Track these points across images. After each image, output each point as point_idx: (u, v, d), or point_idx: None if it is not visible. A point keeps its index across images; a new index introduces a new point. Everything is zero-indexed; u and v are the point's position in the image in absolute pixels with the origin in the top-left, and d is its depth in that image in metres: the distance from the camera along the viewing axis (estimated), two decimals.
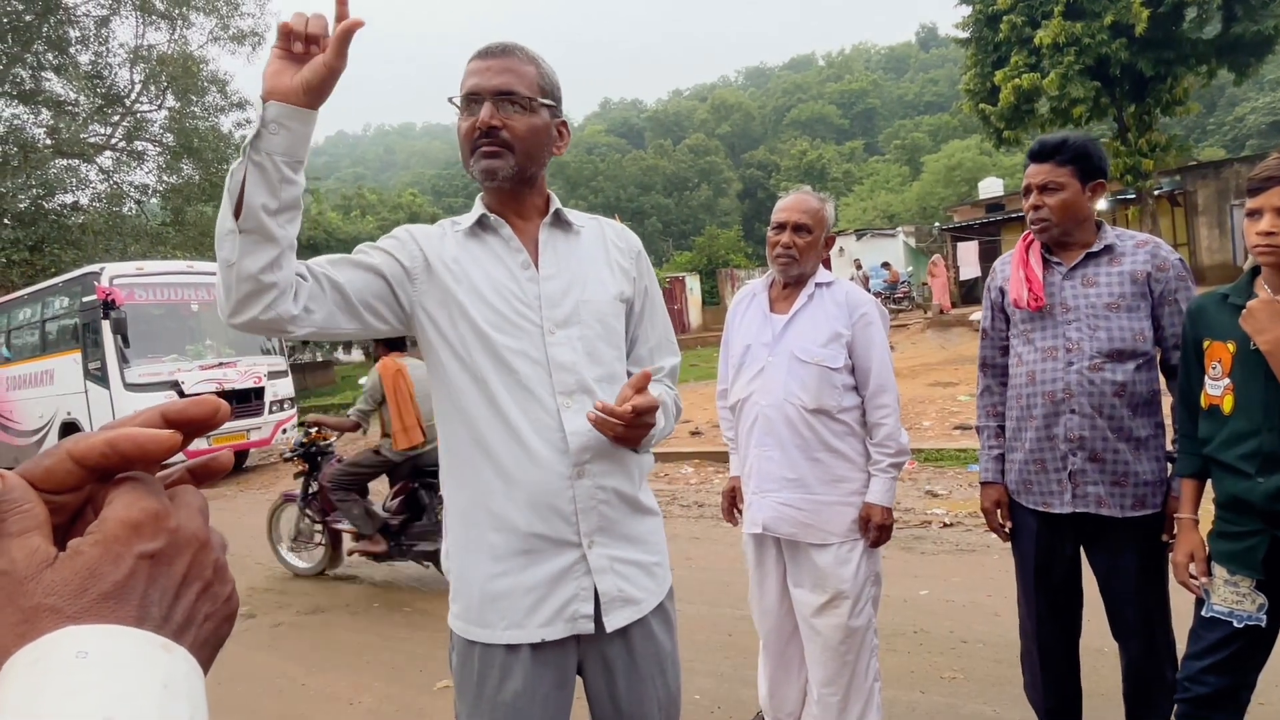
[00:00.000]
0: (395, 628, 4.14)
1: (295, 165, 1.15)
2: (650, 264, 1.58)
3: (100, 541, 0.37)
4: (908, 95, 76.27)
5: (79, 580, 0.35)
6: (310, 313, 1.24)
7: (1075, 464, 2.05)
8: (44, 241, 16.00)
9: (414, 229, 1.44)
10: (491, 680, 1.36)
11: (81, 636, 0.34)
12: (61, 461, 0.38)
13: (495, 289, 1.37)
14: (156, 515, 0.38)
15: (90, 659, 0.33)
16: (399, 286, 1.36)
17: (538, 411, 1.35)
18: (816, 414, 2.21)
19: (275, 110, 1.11)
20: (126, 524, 0.37)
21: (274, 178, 1.13)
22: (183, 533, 0.39)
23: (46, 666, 0.33)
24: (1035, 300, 2.09)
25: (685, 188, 57.76)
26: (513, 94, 1.34)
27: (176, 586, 0.38)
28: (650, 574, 1.44)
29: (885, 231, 27.73)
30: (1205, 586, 1.82)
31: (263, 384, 10.31)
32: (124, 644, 0.35)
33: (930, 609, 3.69)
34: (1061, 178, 2.05)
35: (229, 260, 1.14)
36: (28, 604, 0.34)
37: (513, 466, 1.34)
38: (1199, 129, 45.44)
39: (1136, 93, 16.20)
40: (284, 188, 1.14)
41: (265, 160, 1.12)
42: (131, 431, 0.38)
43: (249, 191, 1.12)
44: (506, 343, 1.35)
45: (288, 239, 1.17)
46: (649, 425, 1.31)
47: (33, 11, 16.63)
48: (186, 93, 18.49)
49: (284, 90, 1.11)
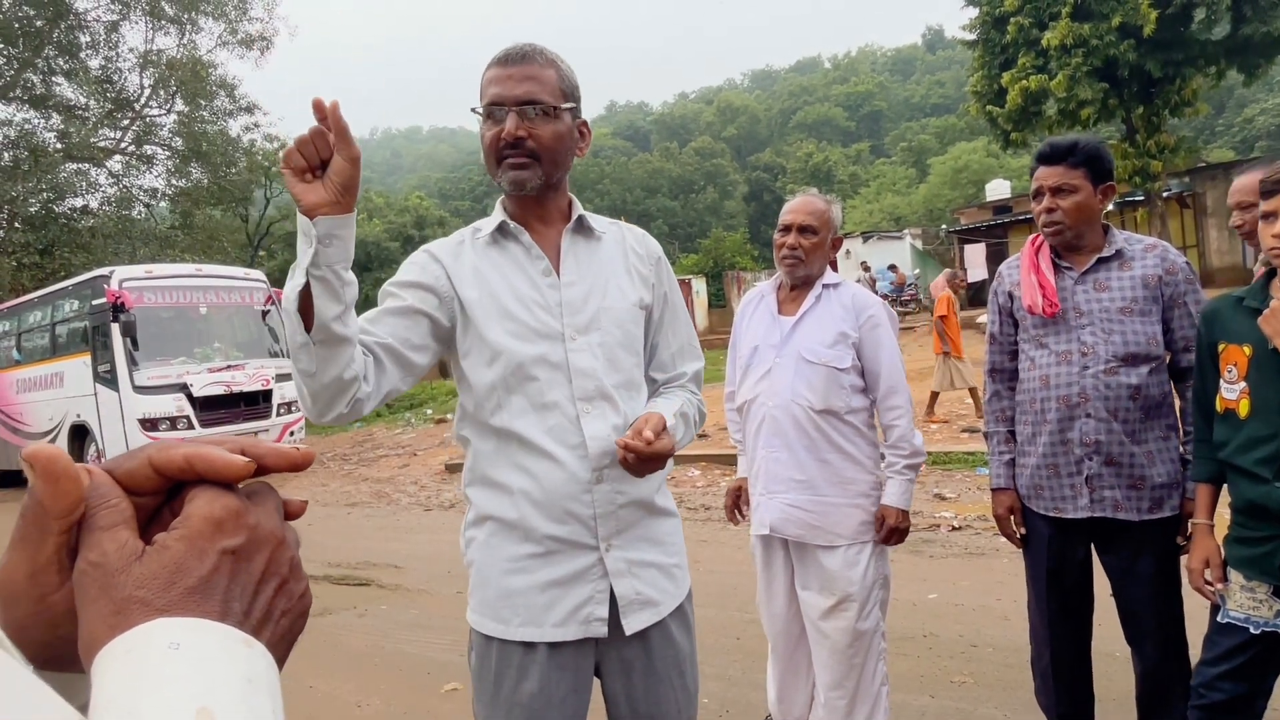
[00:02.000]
0: (403, 630, 4.14)
1: (347, 263, 1.17)
2: (671, 269, 1.58)
3: (185, 537, 0.38)
4: (914, 97, 76.18)
5: (167, 574, 0.37)
6: (381, 387, 1.28)
7: (1091, 468, 2.04)
8: (54, 245, 16.13)
9: (432, 247, 1.45)
10: (509, 680, 1.37)
11: (172, 629, 0.35)
12: (143, 466, 0.39)
13: (517, 296, 1.39)
14: (237, 512, 0.39)
15: (181, 650, 0.34)
16: (439, 311, 1.38)
17: (558, 417, 1.35)
18: (824, 415, 2.20)
19: (325, 225, 1.11)
20: (210, 520, 0.38)
21: (336, 286, 1.15)
22: (261, 530, 0.40)
23: (141, 656, 0.34)
24: (1050, 306, 2.07)
25: (691, 190, 57.78)
26: (537, 102, 1.34)
27: (255, 582, 0.39)
28: (669, 575, 1.44)
29: (892, 234, 27.69)
30: (1221, 592, 1.80)
31: (271, 387, 10.34)
32: (210, 638, 0.36)
33: (939, 612, 3.66)
34: (1075, 180, 2.04)
35: (308, 372, 1.17)
36: (119, 595, 0.36)
37: (533, 470, 1.35)
38: (1208, 130, 45.22)
39: (1145, 94, 16.13)
40: (345, 291, 1.16)
41: (327, 273, 1.13)
42: (209, 453, 0.39)
43: (319, 306, 1.14)
44: (527, 349, 1.36)
45: (354, 332, 1.20)
46: (661, 464, 1.33)
47: (44, 17, 16.77)
48: (195, 97, 18.62)
49: (324, 204, 1.11)
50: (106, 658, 0.34)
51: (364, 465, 10.85)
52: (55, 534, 0.37)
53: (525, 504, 1.35)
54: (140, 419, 9.27)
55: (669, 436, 1.31)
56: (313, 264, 1.12)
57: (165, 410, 9.41)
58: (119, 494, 0.39)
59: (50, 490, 0.36)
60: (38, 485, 0.36)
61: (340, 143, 1.09)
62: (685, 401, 1.49)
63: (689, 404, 1.50)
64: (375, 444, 12.53)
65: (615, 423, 1.37)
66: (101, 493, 0.38)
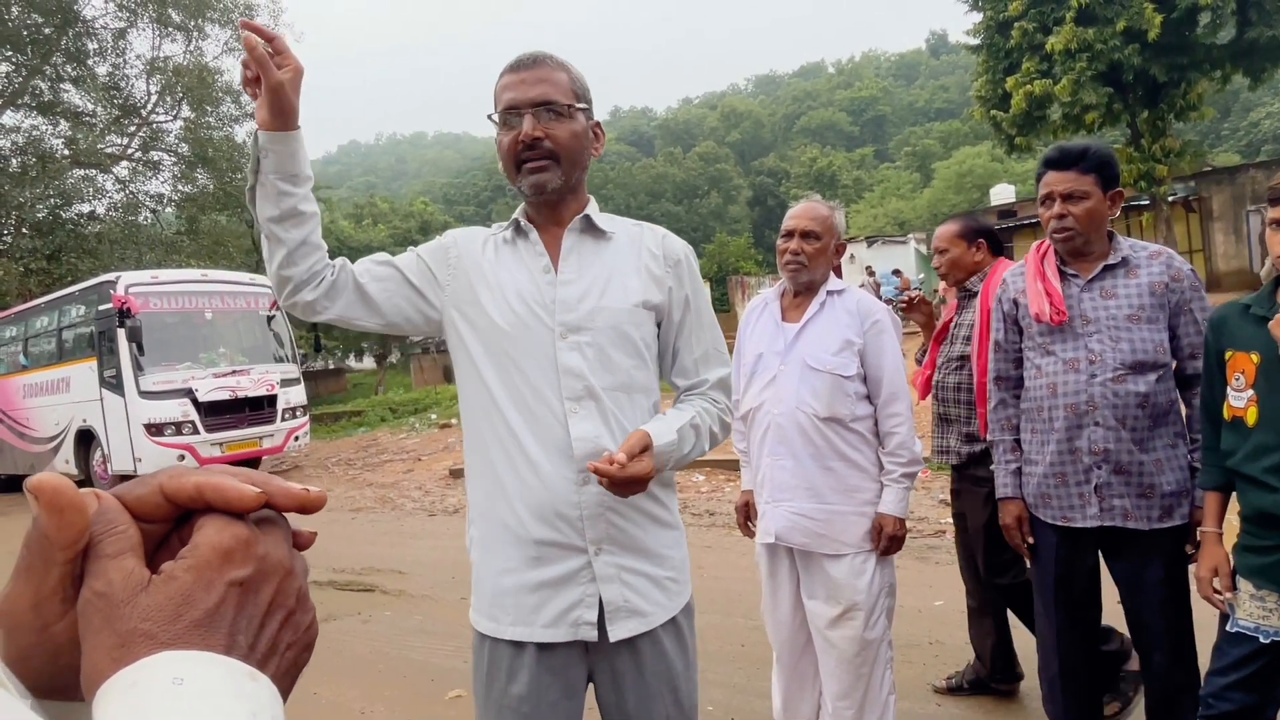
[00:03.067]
0: (407, 636, 4.14)
1: (290, 179, 1.30)
2: (697, 273, 1.55)
3: (193, 567, 0.37)
4: (918, 102, 76.18)
5: (173, 606, 0.36)
6: (331, 302, 1.39)
7: (1100, 477, 2.02)
8: (61, 250, 16.20)
9: (460, 234, 1.51)
10: (499, 679, 1.38)
11: (177, 662, 0.35)
12: (153, 493, 0.39)
13: (517, 292, 1.40)
14: (246, 542, 0.39)
15: (185, 685, 0.34)
16: (426, 289, 1.45)
17: (545, 415, 1.36)
18: (829, 422, 2.19)
19: (263, 138, 1.27)
20: (218, 550, 0.38)
21: (271, 192, 1.30)
22: (270, 560, 0.40)
23: (144, 690, 0.33)
24: (1058, 314, 2.06)
25: (695, 195, 57.83)
26: (551, 103, 1.36)
27: (262, 614, 0.39)
28: (661, 587, 1.41)
29: (896, 239, 27.65)
30: (1230, 601, 1.79)
31: (275, 391, 10.36)
32: (215, 671, 0.35)
33: (946, 620, 3.65)
34: (1086, 186, 2.03)
35: (265, 259, 1.37)
36: (124, 628, 0.35)
37: (520, 468, 1.36)
38: (1213, 134, 45.12)
39: (1150, 98, 16.09)
40: (282, 200, 1.30)
41: (265, 179, 1.30)
42: (220, 482, 0.39)
43: (259, 207, 1.32)
44: (519, 345, 1.37)
45: (293, 240, 1.33)
46: (641, 486, 1.30)
47: (52, 24, 16.88)
48: (201, 103, 18.72)
49: (263, 121, 1.27)
50: (110, 691, 0.34)
51: (368, 470, 10.86)
52: (59, 564, 0.37)
53: (516, 503, 1.36)
54: (146, 424, 9.29)
55: (649, 458, 1.28)
56: (253, 168, 1.30)
57: (170, 415, 9.43)
58: (127, 520, 0.38)
59: (54, 521, 0.36)
60: (42, 516, 0.36)
61: (262, 71, 1.22)
62: (701, 412, 1.47)
63: (706, 414, 1.47)
64: (380, 449, 12.55)
65: (604, 424, 1.36)
66: (109, 519, 0.38)
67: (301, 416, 10.87)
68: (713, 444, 1.50)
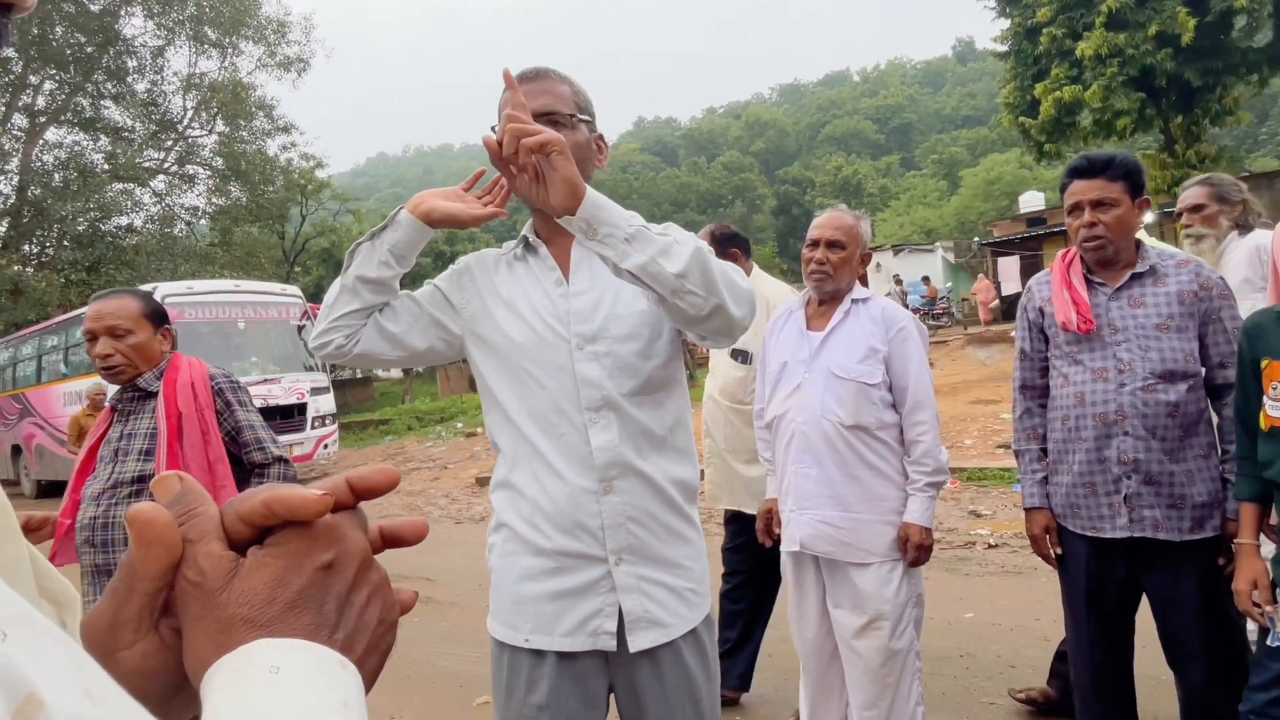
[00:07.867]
0: (435, 643, 4.17)
1: (399, 258, 1.40)
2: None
3: (281, 554, 0.40)
4: (945, 109, 75.58)
5: (267, 589, 0.38)
6: (354, 343, 1.45)
7: (1130, 487, 1.99)
8: (100, 262, 16.65)
9: (473, 259, 1.53)
10: (519, 687, 1.38)
11: (273, 651, 0.36)
12: (234, 523, 0.41)
13: (531, 306, 1.42)
14: (329, 527, 0.41)
15: (281, 674, 0.35)
16: (445, 318, 1.49)
17: (565, 427, 1.36)
18: (854, 430, 2.19)
19: (405, 219, 1.38)
20: (303, 535, 0.40)
21: (377, 259, 1.39)
22: (350, 543, 0.42)
23: (244, 679, 0.35)
24: (1085, 323, 2.04)
25: (720, 205, 57.83)
26: (553, 114, 1.38)
27: (347, 593, 0.41)
28: (681, 598, 1.41)
29: (923, 247, 27.41)
30: (1270, 615, 1.75)
31: (305, 400, 10.53)
32: (308, 658, 0.37)
33: (977, 632, 3.60)
34: (1115, 193, 2.01)
35: (328, 302, 1.44)
36: (223, 614, 0.37)
37: (541, 478, 1.37)
38: (1250, 139, 44.14)
39: (1184, 103, 15.82)
40: (382, 269, 1.40)
41: (379, 245, 1.39)
42: (285, 494, 0.41)
43: (357, 261, 1.41)
44: (536, 359, 1.38)
45: (369, 304, 1.43)
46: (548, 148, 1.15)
47: (94, 43, 17.42)
48: (235, 118, 19.18)
49: (423, 209, 1.38)
50: (214, 679, 0.35)
51: None
52: (141, 594, 0.38)
53: (536, 513, 1.37)
54: None
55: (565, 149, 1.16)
56: (376, 230, 1.41)
57: None
58: (205, 499, 0.40)
59: (142, 555, 0.38)
60: (133, 546, 0.38)
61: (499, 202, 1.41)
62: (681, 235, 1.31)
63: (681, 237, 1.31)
64: (406, 457, 12.67)
65: (624, 433, 1.37)
66: (187, 500, 0.40)
67: (330, 424, 11.03)
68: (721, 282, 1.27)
